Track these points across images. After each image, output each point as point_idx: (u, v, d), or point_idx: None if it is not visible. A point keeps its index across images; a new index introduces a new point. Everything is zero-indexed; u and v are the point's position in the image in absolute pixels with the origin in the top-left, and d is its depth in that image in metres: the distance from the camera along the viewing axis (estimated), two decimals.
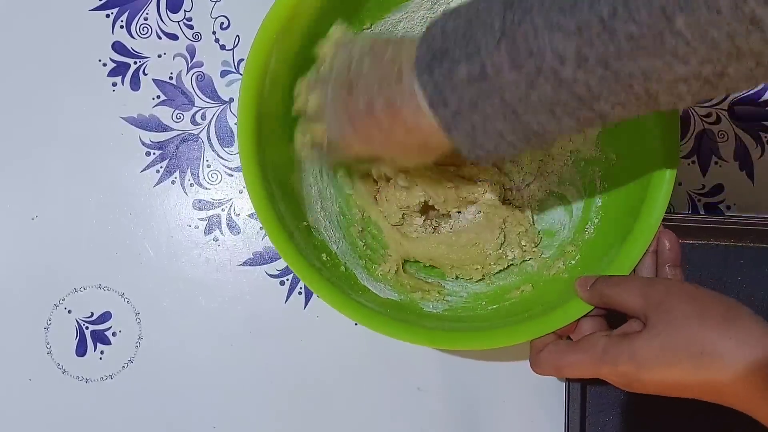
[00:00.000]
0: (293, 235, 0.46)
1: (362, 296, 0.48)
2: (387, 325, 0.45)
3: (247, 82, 0.44)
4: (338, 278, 0.48)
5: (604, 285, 0.44)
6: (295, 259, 0.45)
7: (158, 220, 0.57)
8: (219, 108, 0.58)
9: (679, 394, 0.40)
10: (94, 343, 0.57)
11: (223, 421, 0.56)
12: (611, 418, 0.54)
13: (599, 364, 0.42)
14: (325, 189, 0.53)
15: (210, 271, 0.57)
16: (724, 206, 0.58)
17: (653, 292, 0.42)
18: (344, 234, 0.53)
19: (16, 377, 0.56)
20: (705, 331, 0.38)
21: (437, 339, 0.46)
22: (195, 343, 0.57)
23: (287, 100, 0.46)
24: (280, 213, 0.46)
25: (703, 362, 0.38)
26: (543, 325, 0.45)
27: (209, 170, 0.58)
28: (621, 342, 0.41)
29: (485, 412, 0.56)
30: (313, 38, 0.44)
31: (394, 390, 0.57)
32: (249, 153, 0.45)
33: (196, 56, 0.58)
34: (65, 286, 0.57)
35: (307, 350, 0.57)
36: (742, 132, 0.59)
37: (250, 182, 0.45)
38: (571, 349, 0.44)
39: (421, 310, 0.51)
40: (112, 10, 0.58)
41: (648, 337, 0.40)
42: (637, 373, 0.40)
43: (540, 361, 0.45)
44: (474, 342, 0.47)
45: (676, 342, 0.39)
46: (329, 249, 0.50)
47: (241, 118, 0.44)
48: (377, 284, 0.51)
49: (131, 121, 0.58)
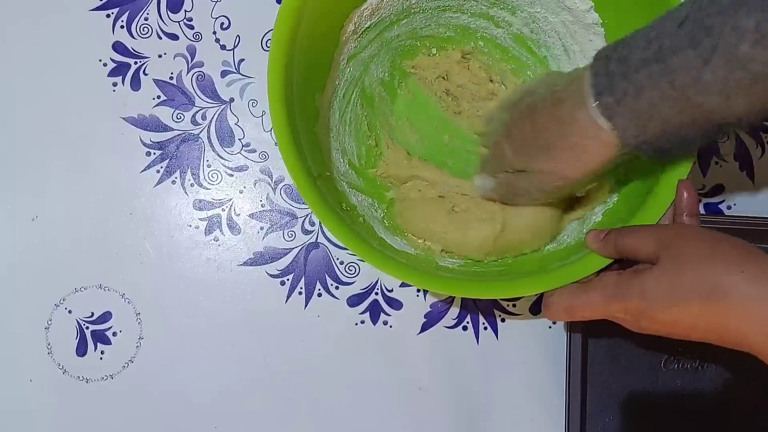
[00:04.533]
0: (315, 178, 0.46)
1: (379, 245, 0.48)
2: (403, 271, 0.45)
3: (278, 31, 0.45)
4: (356, 225, 0.48)
5: (617, 234, 0.44)
6: (318, 202, 0.45)
7: (158, 220, 0.57)
8: (219, 108, 0.58)
9: (687, 333, 0.40)
10: (94, 343, 0.57)
11: (223, 421, 0.56)
12: (611, 419, 0.54)
13: (609, 300, 0.42)
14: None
15: (210, 271, 0.57)
16: (724, 206, 0.59)
17: (665, 235, 0.42)
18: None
19: (16, 377, 0.56)
20: (715, 267, 0.38)
21: (453, 287, 0.46)
22: (195, 343, 0.57)
23: (316, 50, 0.47)
24: (305, 159, 0.46)
25: (711, 297, 0.38)
26: (560, 277, 0.45)
27: (209, 170, 0.58)
28: (631, 278, 0.41)
29: (485, 412, 0.56)
30: None
31: (394, 390, 0.57)
32: (278, 100, 0.45)
33: (196, 56, 0.58)
34: (65, 286, 0.57)
35: (307, 350, 0.57)
36: (742, 132, 0.59)
37: (279, 128, 0.45)
38: (581, 289, 0.44)
39: (437, 264, 0.51)
40: (113, 10, 0.58)
41: (658, 273, 0.40)
42: (646, 309, 0.40)
43: (551, 303, 0.45)
44: (489, 291, 0.46)
45: (685, 277, 0.39)
46: (349, 201, 0.51)
47: (272, 67, 0.44)
48: (394, 238, 0.51)
49: (131, 121, 0.58)
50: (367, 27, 0.53)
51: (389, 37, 0.55)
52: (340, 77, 0.53)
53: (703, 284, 0.38)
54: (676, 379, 0.55)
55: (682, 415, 0.54)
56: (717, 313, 0.38)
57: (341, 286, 0.57)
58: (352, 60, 0.54)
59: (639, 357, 0.55)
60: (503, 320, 0.57)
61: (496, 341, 0.57)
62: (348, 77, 0.54)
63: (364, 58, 0.55)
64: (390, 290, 0.57)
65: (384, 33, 0.55)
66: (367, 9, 0.51)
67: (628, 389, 0.54)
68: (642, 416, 0.54)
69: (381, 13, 0.53)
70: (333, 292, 0.57)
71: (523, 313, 0.57)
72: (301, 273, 0.57)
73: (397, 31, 0.55)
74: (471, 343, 0.57)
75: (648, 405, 0.54)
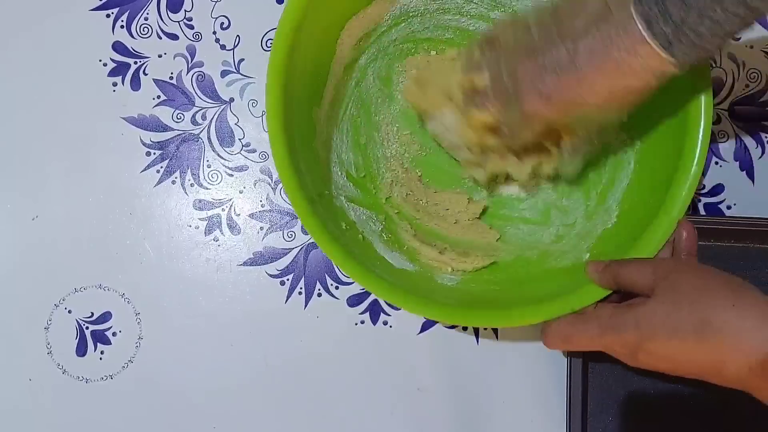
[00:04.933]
0: (314, 201, 0.46)
1: (378, 266, 0.49)
2: (403, 299, 0.46)
3: (277, 46, 0.45)
4: (356, 246, 0.49)
5: (616, 265, 0.45)
6: (314, 224, 0.45)
7: (158, 220, 0.57)
8: (219, 108, 0.58)
9: (683, 369, 0.40)
10: (94, 343, 0.57)
11: (223, 421, 0.56)
12: (612, 419, 0.54)
13: (604, 331, 0.42)
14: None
15: (210, 271, 0.57)
16: (724, 206, 0.58)
17: (662, 268, 0.42)
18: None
19: (16, 377, 0.56)
20: (709, 300, 0.39)
21: (449, 314, 0.47)
22: (195, 343, 0.57)
23: (313, 62, 0.47)
24: (303, 179, 0.46)
25: (705, 331, 0.38)
26: (557, 307, 0.46)
27: (209, 170, 0.58)
28: (627, 310, 0.42)
29: (485, 412, 0.56)
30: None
31: (394, 390, 0.57)
32: (276, 115, 0.45)
33: (196, 56, 0.58)
34: (65, 286, 0.57)
35: (307, 350, 0.57)
36: (742, 132, 0.59)
37: (277, 153, 0.45)
38: (578, 319, 0.45)
39: (435, 282, 0.51)
40: (113, 10, 0.58)
41: (653, 305, 0.40)
42: (641, 342, 0.40)
43: (549, 332, 0.46)
44: (485, 320, 0.47)
45: (681, 310, 0.39)
46: (348, 218, 0.51)
47: (270, 90, 0.45)
48: (393, 254, 0.52)
49: (131, 121, 0.58)
50: (364, 34, 0.53)
51: (387, 42, 0.55)
52: (336, 87, 0.53)
53: (699, 313, 0.39)
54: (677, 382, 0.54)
55: (683, 416, 0.54)
56: (711, 347, 0.38)
57: (341, 286, 0.57)
58: (349, 68, 0.54)
59: None
60: None
61: (496, 341, 0.57)
62: (345, 86, 0.54)
63: (361, 64, 0.55)
64: None
65: (381, 38, 0.55)
66: (364, 17, 0.51)
67: (629, 390, 0.54)
68: (643, 417, 0.54)
69: (378, 20, 0.53)
70: (333, 292, 0.57)
71: None
72: (301, 273, 0.57)
73: (395, 35, 0.55)
74: (471, 343, 0.57)
75: (649, 406, 0.54)
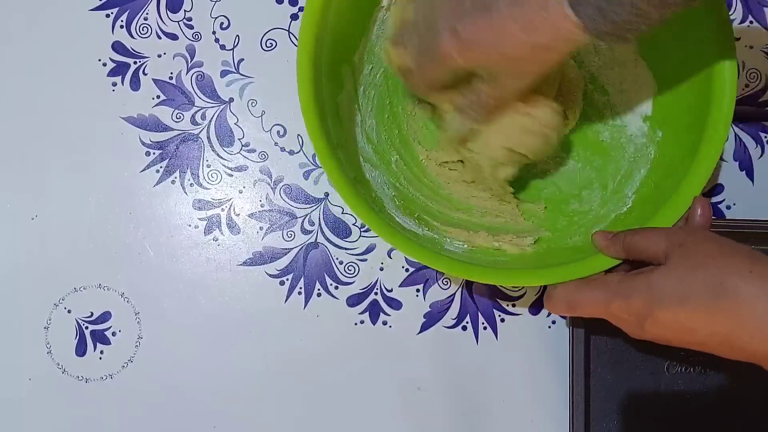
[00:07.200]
0: (336, 148, 0.46)
1: (390, 221, 0.48)
2: (411, 247, 0.45)
3: (305, 23, 0.45)
4: (370, 201, 0.49)
5: (626, 234, 0.44)
6: (335, 170, 0.45)
7: (158, 220, 0.57)
8: (219, 108, 0.58)
9: (692, 338, 0.39)
10: (94, 343, 0.57)
11: (222, 421, 0.56)
12: (615, 423, 0.54)
13: (612, 297, 0.41)
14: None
15: (210, 270, 0.57)
16: (724, 206, 0.58)
17: (676, 235, 0.41)
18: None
19: (16, 377, 0.56)
20: (726, 266, 0.38)
21: (458, 268, 0.46)
22: (195, 343, 0.57)
23: (349, 20, 0.48)
24: (327, 126, 0.46)
25: (720, 296, 0.37)
26: (564, 273, 0.45)
27: (209, 170, 0.58)
28: (637, 276, 0.40)
29: (485, 412, 0.56)
30: None
31: (394, 390, 0.57)
32: (306, 66, 0.46)
33: (196, 56, 0.58)
34: (65, 286, 0.57)
35: (307, 350, 0.57)
36: (742, 132, 0.59)
37: (304, 93, 0.45)
38: (585, 285, 0.43)
39: (443, 247, 0.51)
40: (112, 10, 0.58)
41: (666, 271, 0.39)
42: (651, 309, 0.39)
43: (553, 296, 0.44)
44: (492, 277, 0.46)
45: (696, 275, 0.38)
46: (364, 175, 0.51)
47: (303, 36, 0.45)
48: (403, 218, 0.51)
49: (131, 121, 0.58)
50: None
51: None
52: (369, 52, 0.53)
53: (714, 282, 0.37)
54: (680, 384, 0.54)
55: (685, 419, 0.54)
56: (726, 314, 0.37)
57: (341, 286, 0.57)
58: (382, 38, 0.53)
59: (642, 361, 0.54)
60: (503, 320, 0.57)
61: (496, 341, 0.57)
62: (377, 54, 0.54)
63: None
64: (389, 290, 0.57)
65: None
66: None
67: (632, 393, 0.54)
68: (645, 420, 0.54)
69: None
70: (332, 292, 0.57)
71: (523, 313, 0.57)
72: (301, 273, 0.57)
73: None
74: (470, 343, 0.57)
75: (651, 409, 0.54)
